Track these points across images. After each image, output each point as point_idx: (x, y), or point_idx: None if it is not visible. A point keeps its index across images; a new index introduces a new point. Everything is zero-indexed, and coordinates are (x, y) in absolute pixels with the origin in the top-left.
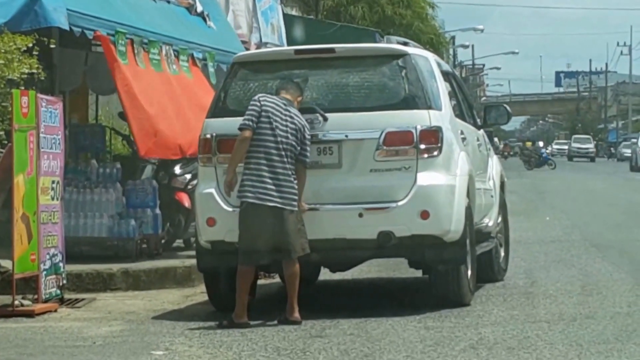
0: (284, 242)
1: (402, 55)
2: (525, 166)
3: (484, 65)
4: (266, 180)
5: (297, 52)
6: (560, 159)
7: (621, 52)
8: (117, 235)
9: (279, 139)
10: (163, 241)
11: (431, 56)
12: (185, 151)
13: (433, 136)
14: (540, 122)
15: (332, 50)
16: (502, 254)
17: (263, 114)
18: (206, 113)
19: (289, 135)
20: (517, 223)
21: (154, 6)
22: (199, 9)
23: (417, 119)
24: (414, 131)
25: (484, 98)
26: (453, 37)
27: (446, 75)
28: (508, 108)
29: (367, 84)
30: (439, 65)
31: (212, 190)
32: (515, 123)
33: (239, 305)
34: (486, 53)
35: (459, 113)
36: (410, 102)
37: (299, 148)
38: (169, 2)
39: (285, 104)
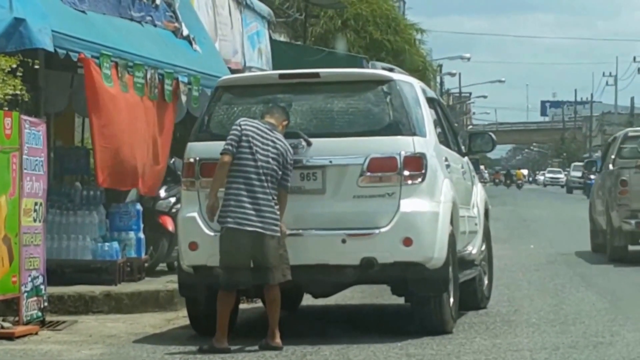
0: (264, 268)
1: (387, 81)
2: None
3: (470, 93)
4: (246, 205)
5: (281, 76)
6: (552, 188)
7: (606, 82)
8: (100, 258)
9: (259, 163)
10: (146, 265)
11: (416, 82)
12: (137, 182)
13: (417, 163)
14: (526, 150)
15: (316, 74)
16: (486, 281)
17: (244, 138)
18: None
19: (270, 160)
20: (502, 250)
21: (140, 29)
22: (185, 32)
23: (401, 145)
24: (398, 157)
25: (470, 126)
26: (440, 65)
27: (431, 102)
28: (493, 136)
29: (352, 109)
30: (424, 91)
31: (195, 215)
32: (501, 151)
33: (220, 329)
34: (473, 81)
35: (444, 140)
36: (394, 128)
37: (280, 173)
38: (155, 26)
39: (268, 129)
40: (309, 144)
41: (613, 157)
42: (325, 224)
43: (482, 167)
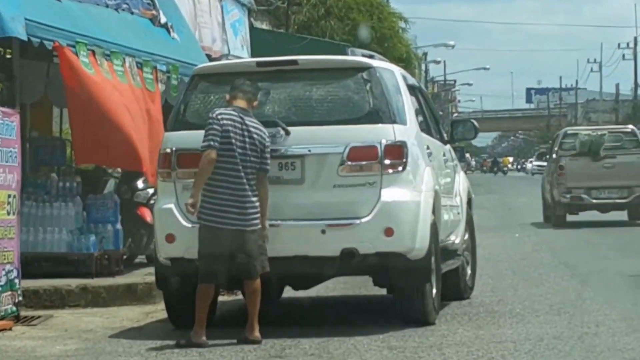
0: (244, 262)
1: (367, 68)
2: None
3: (455, 81)
4: (225, 203)
5: (259, 64)
6: (539, 177)
7: (591, 69)
8: (77, 250)
9: (238, 158)
10: (124, 257)
11: (397, 69)
12: (142, 166)
13: (398, 151)
14: (512, 138)
15: (294, 62)
16: (469, 271)
17: (224, 133)
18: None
19: (248, 151)
20: (486, 240)
21: (117, 17)
22: (163, 20)
23: (381, 133)
24: (378, 146)
25: (455, 114)
26: (425, 53)
27: (412, 90)
28: (475, 123)
29: (331, 97)
30: (404, 78)
31: (172, 206)
32: (486, 139)
33: (198, 323)
34: (458, 69)
35: (425, 128)
36: (374, 117)
37: (259, 160)
38: (132, 13)
39: (241, 116)
40: (287, 132)
41: (556, 149)
42: (304, 215)
43: (467, 154)
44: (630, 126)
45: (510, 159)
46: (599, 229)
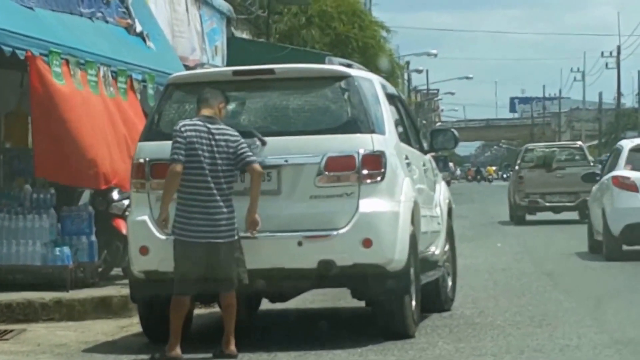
0: (219, 275)
1: (345, 77)
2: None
3: (438, 90)
4: (196, 216)
5: (235, 73)
6: None
7: (574, 78)
8: (51, 263)
9: (206, 169)
10: (100, 269)
11: (375, 78)
12: (110, 180)
13: (376, 161)
14: (495, 147)
15: (271, 71)
16: (450, 283)
17: (189, 145)
18: (139, 137)
19: (218, 160)
20: (468, 250)
21: (91, 25)
22: (138, 29)
23: (359, 143)
24: (356, 156)
25: (439, 123)
26: (408, 62)
27: (391, 99)
28: (455, 132)
29: (308, 106)
30: (383, 87)
31: (145, 218)
32: (470, 148)
33: (173, 337)
34: (441, 78)
35: (405, 137)
36: (352, 126)
37: (236, 163)
38: (107, 22)
39: (207, 125)
40: (263, 143)
41: (518, 161)
42: (280, 226)
43: (451, 164)
44: (579, 142)
45: (494, 168)
46: (581, 239)
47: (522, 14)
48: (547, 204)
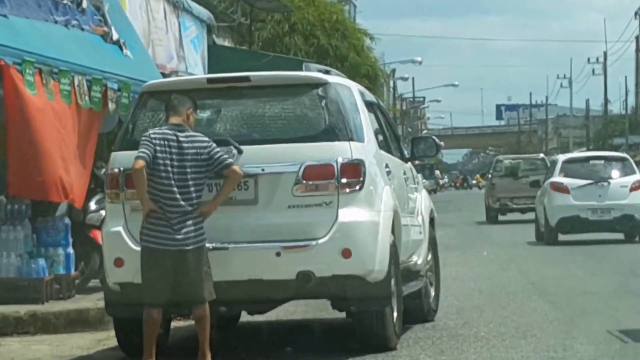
0: (188, 285)
1: (322, 84)
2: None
3: (424, 98)
4: (163, 223)
5: (210, 80)
6: None
7: (561, 84)
8: (27, 275)
9: (172, 178)
10: (77, 281)
11: (354, 85)
12: (68, 195)
13: (355, 170)
14: (482, 154)
15: (247, 78)
16: (433, 293)
17: (157, 154)
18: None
19: (188, 168)
20: (453, 258)
21: (66, 34)
22: (115, 37)
23: (338, 151)
24: (334, 164)
25: (425, 131)
26: (393, 70)
27: (370, 106)
28: (437, 140)
29: (285, 114)
30: (362, 95)
31: (120, 229)
32: (457, 156)
33: (147, 350)
34: (426, 86)
35: (385, 145)
36: (330, 134)
37: (209, 167)
38: (82, 30)
39: (177, 134)
40: (239, 151)
41: (491, 171)
42: (258, 237)
43: (437, 172)
44: (541, 155)
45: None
46: (568, 246)
47: (507, 21)
48: (515, 206)
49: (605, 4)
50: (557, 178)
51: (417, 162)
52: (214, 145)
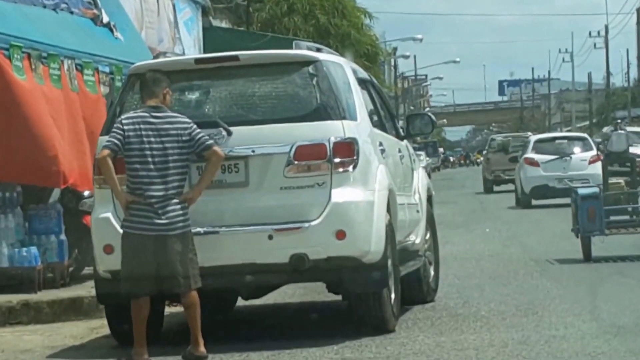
0: (171, 273)
1: (313, 62)
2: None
3: (426, 75)
4: (143, 208)
5: (197, 61)
6: None
7: (563, 59)
8: (18, 264)
9: (151, 162)
10: (70, 269)
11: (345, 63)
12: (67, 179)
13: (348, 149)
14: (485, 131)
15: (235, 57)
16: (432, 272)
17: (132, 139)
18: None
19: (169, 150)
20: (456, 236)
21: (55, 17)
22: (105, 19)
23: (330, 130)
24: (327, 144)
25: (427, 108)
26: (395, 48)
27: (364, 84)
28: (432, 116)
29: (275, 93)
30: (354, 72)
31: (109, 215)
32: (460, 133)
33: (137, 340)
34: (429, 63)
35: (379, 123)
36: (322, 113)
37: (190, 149)
38: (72, 13)
39: (155, 114)
40: (229, 133)
41: (486, 148)
42: (249, 220)
43: (441, 149)
44: (529, 133)
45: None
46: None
47: None
48: (507, 177)
49: None
50: (530, 154)
51: (419, 139)
52: (195, 126)
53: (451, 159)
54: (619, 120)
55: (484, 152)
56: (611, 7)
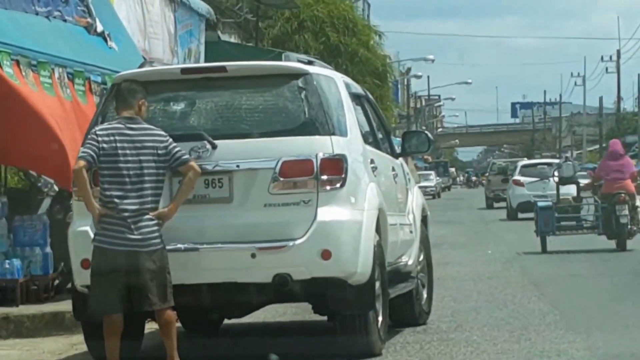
0: (142, 290)
1: (302, 74)
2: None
3: (439, 96)
4: (116, 222)
5: (184, 71)
6: None
7: (575, 82)
8: (1, 276)
9: (126, 175)
10: (56, 282)
11: (338, 76)
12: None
13: (336, 165)
14: (497, 152)
15: (223, 68)
16: (425, 295)
17: (106, 151)
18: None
19: (144, 163)
20: (457, 257)
21: (47, 25)
22: (99, 28)
23: (317, 146)
24: (314, 160)
25: (440, 129)
26: (409, 68)
27: (357, 99)
28: (429, 135)
29: (263, 106)
30: (347, 86)
31: (87, 229)
32: (472, 153)
33: (109, 357)
34: (442, 84)
35: (372, 140)
36: (310, 127)
37: (165, 163)
38: (65, 21)
39: (129, 126)
40: (213, 146)
41: (488, 170)
42: (232, 237)
43: (452, 169)
44: (525, 158)
45: None
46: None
47: (522, 21)
48: (504, 196)
49: (619, 3)
50: (517, 177)
51: (430, 158)
52: (171, 140)
53: (473, 178)
54: (567, 154)
55: (487, 174)
56: (624, 33)
